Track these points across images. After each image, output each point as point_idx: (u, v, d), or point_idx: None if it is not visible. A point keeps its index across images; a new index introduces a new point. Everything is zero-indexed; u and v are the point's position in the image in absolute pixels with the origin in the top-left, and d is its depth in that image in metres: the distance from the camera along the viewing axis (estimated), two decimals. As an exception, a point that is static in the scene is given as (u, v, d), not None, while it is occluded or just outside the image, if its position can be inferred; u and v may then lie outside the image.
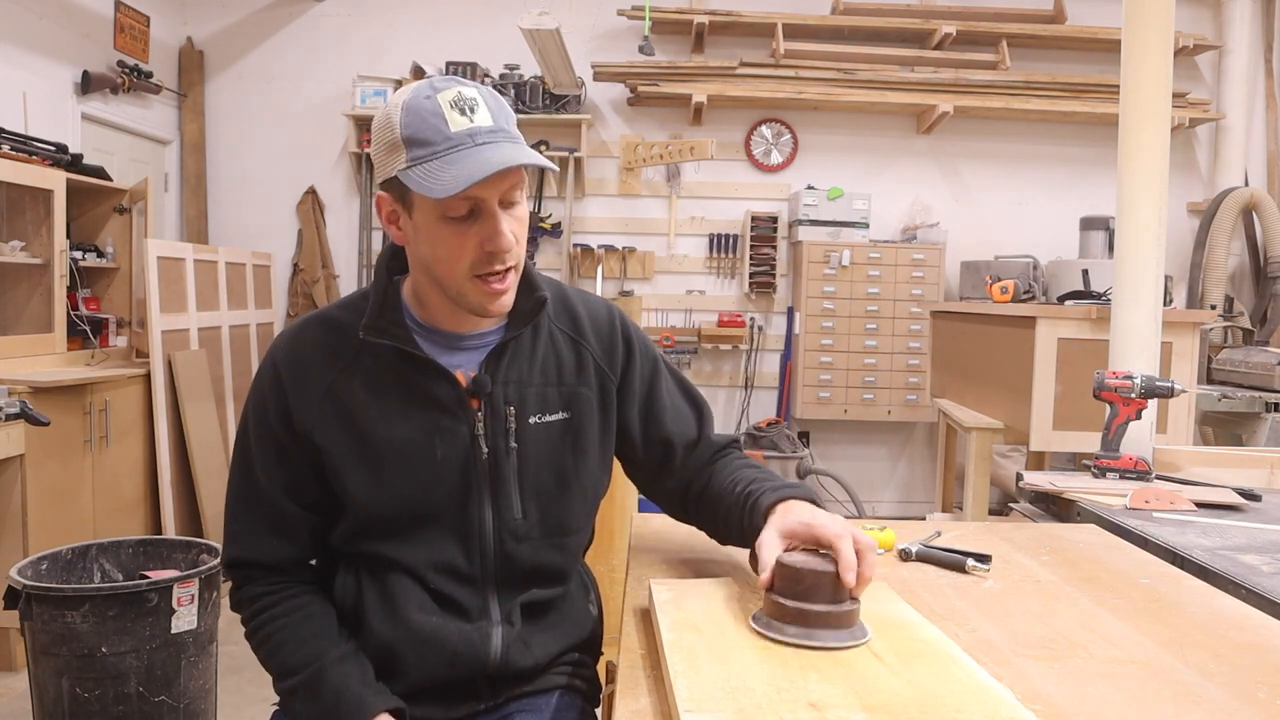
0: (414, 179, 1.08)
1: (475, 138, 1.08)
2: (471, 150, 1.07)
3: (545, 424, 1.24)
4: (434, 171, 1.06)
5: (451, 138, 1.08)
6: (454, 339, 1.23)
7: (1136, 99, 2.26)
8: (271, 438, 1.21)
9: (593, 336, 1.30)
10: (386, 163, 1.12)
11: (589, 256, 5.25)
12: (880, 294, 5.07)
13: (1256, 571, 1.39)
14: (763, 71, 5.08)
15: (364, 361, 1.20)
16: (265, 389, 1.22)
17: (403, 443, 1.18)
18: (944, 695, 0.87)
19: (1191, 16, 5.24)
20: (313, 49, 5.33)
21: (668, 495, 1.37)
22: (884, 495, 5.50)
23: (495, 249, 1.12)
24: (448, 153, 1.07)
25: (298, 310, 5.28)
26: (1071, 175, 5.39)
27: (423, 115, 1.08)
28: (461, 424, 1.20)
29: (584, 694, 1.33)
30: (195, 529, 3.84)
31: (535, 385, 1.24)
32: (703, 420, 1.40)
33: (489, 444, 1.21)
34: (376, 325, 1.19)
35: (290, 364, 1.21)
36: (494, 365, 1.22)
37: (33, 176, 3.38)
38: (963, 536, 1.54)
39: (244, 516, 1.24)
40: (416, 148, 1.08)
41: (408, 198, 1.13)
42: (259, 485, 1.22)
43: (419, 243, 1.15)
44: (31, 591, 2.20)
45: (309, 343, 1.22)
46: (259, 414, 1.22)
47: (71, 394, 3.25)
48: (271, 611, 1.23)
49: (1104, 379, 2.08)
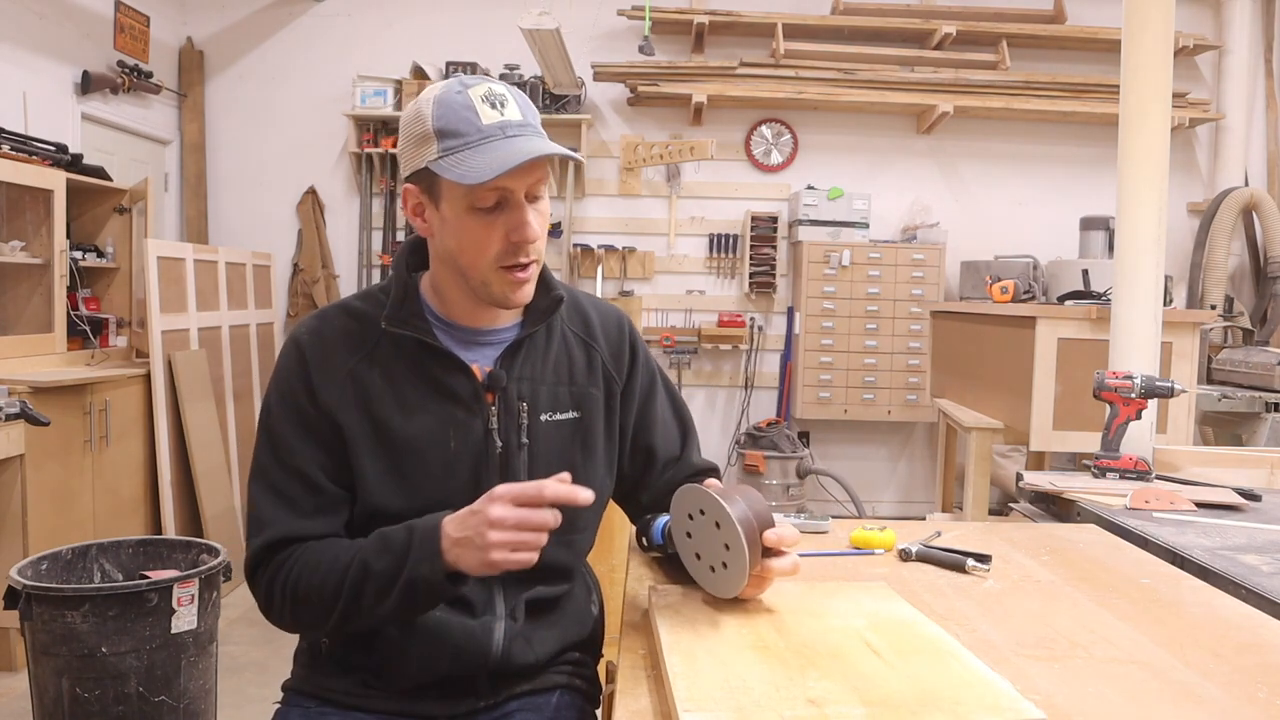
0: (446, 167, 1.11)
1: (505, 130, 1.12)
2: (503, 141, 1.12)
3: (556, 422, 1.26)
4: (466, 160, 1.10)
5: (483, 129, 1.12)
6: (471, 334, 1.25)
7: (1136, 99, 2.26)
8: (299, 415, 1.20)
9: (603, 339, 1.34)
10: (416, 155, 1.15)
11: (589, 256, 5.25)
12: (880, 294, 5.07)
13: (1256, 571, 1.39)
14: (763, 71, 5.08)
15: (384, 351, 1.21)
16: (290, 368, 1.22)
17: (418, 433, 1.20)
18: (943, 689, 0.87)
19: (1191, 16, 5.24)
20: (313, 49, 5.33)
21: (640, 510, 1.40)
22: (884, 495, 5.50)
23: (521, 239, 1.15)
24: (480, 143, 1.11)
25: (298, 310, 5.28)
26: (1071, 175, 5.39)
27: (455, 108, 1.12)
28: (476, 418, 1.22)
29: (584, 694, 1.33)
30: (195, 529, 3.84)
31: (548, 383, 1.27)
32: (687, 440, 1.42)
33: (502, 438, 1.23)
34: (398, 316, 1.21)
35: (315, 345, 1.22)
36: (509, 361, 1.24)
37: (33, 176, 3.38)
38: (963, 536, 1.55)
39: (275, 500, 1.19)
40: (448, 139, 1.12)
41: (436, 189, 1.15)
42: (289, 465, 1.19)
43: (445, 234, 1.17)
44: (31, 591, 2.20)
45: (333, 327, 1.23)
46: (284, 392, 1.21)
47: (71, 394, 3.25)
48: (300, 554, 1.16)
49: (1104, 379, 2.08)
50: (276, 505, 1.19)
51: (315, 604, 1.14)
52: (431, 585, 1.08)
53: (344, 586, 1.11)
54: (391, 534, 1.11)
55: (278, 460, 1.20)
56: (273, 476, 1.20)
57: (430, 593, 1.09)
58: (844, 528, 1.57)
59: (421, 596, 1.10)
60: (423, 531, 1.09)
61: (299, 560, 1.16)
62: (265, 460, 1.21)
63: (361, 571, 1.11)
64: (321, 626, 1.20)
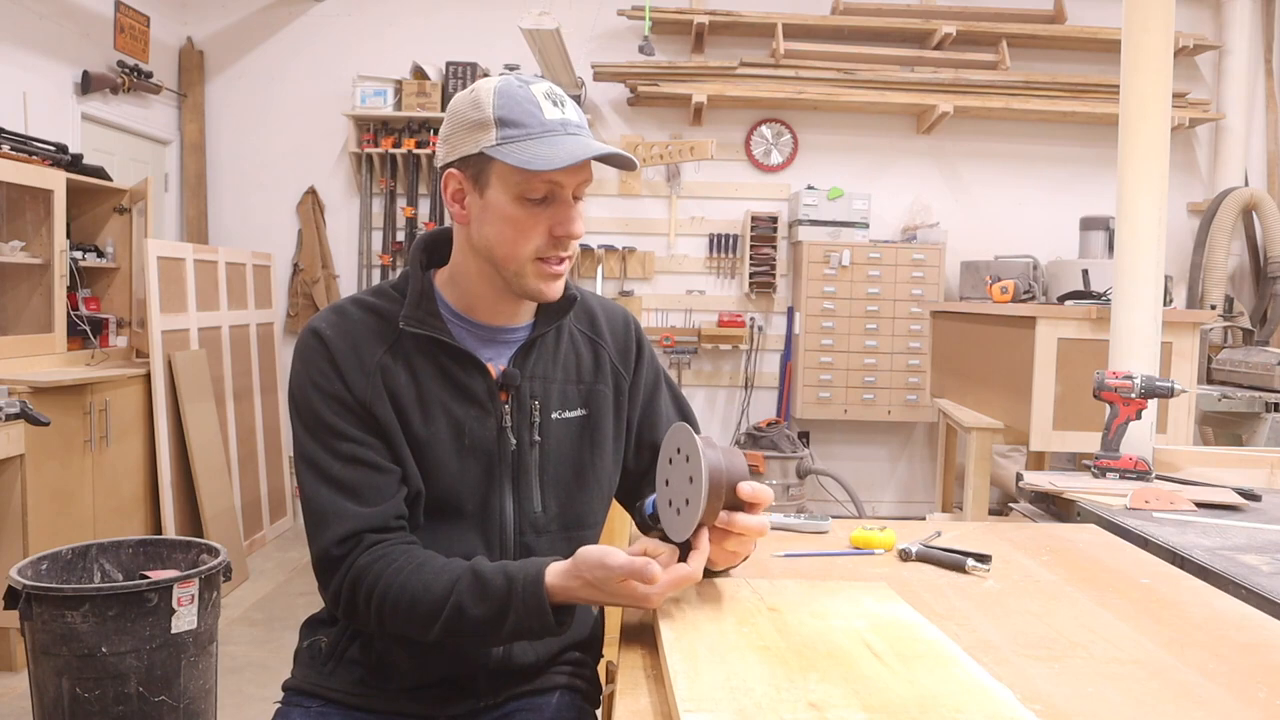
0: (507, 153, 1.12)
1: (566, 127, 1.15)
2: (564, 137, 1.14)
3: (566, 420, 1.28)
4: (529, 148, 1.12)
5: (546, 123, 1.14)
6: (487, 331, 1.26)
7: (1136, 99, 2.26)
8: (340, 401, 1.18)
9: (609, 337, 1.35)
10: (468, 139, 1.16)
11: (589, 256, 5.25)
12: (880, 294, 5.07)
13: (1256, 571, 1.39)
14: (763, 71, 5.08)
15: (404, 347, 1.22)
16: (317, 360, 1.19)
17: (435, 430, 1.20)
18: (944, 695, 0.87)
19: (1191, 16, 5.24)
20: (313, 49, 5.33)
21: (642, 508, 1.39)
22: (884, 495, 5.50)
23: (565, 234, 1.17)
24: (543, 135, 1.13)
25: (298, 310, 5.29)
26: (1071, 175, 5.39)
27: (518, 100, 1.14)
28: (490, 415, 1.23)
29: (584, 694, 1.33)
30: (195, 529, 3.84)
31: (558, 382, 1.28)
32: None
33: (515, 436, 1.24)
34: (415, 316, 1.22)
35: (339, 337, 1.20)
36: (522, 360, 1.25)
37: (33, 176, 3.38)
38: (963, 536, 1.54)
39: (336, 492, 1.15)
40: (509, 127, 1.13)
41: (484, 175, 1.16)
42: (342, 453, 1.16)
43: (485, 221, 1.18)
44: (31, 591, 2.20)
45: (353, 321, 1.22)
46: (318, 383, 1.18)
47: (71, 394, 3.25)
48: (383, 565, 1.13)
49: (1104, 379, 2.08)
50: (337, 497, 1.15)
51: (405, 625, 1.13)
52: (543, 631, 1.09)
53: (438, 620, 1.10)
54: (489, 578, 1.09)
55: (329, 450, 1.17)
56: (327, 468, 1.16)
57: (543, 634, 1.10)
58: (844, 528, 1.57)
59: (533, 635, 1.11)
60: (524, 586, 1.08)
61: (384, 575, 1.12)
62: (313, 453, 1.17)
63: (457, 613, 1.09)
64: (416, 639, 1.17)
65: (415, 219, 5.25)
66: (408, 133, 5.15)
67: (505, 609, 1.08)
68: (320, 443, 1.17)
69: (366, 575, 1.13)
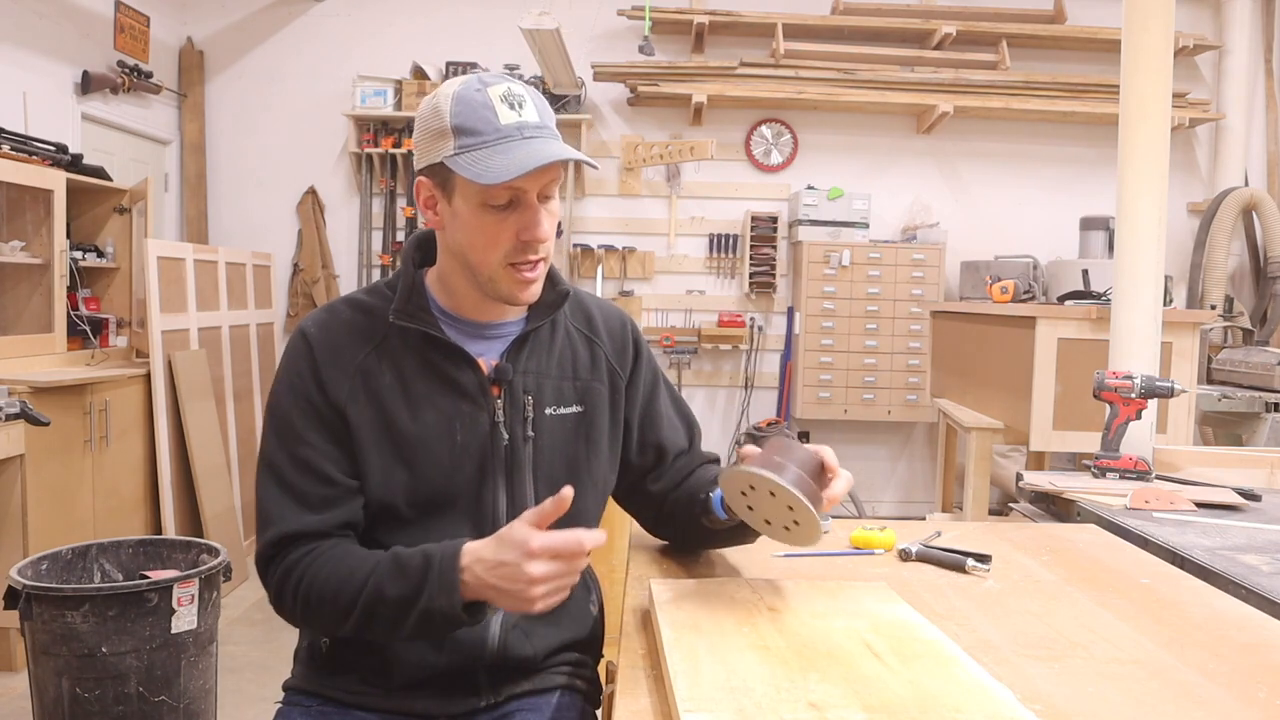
0: (462, 165, 1.12)
1: (523, 131, 1.13)
2: (520, 143, 1.12)
3: (560, 416, 1.27)
4: (483, 159, 1.11)
5: (501, 129, 1.12)
6: (477, 327, 1.26)
7: (1136, 99, 2.26)
8: (308, 406, 1.19)
9: (606, 335, 1.35)
10: (431, 149, 1.15)
11: (589, 256, 5.25)
12: (880, 294, 5.07)
13: (1256, 571, 1.40)
14: (763, 71, 5.08)
15: (392, 344, 1.22)
16: (297, 360, 1.21)
17: (425, 426, 1.20)
18: (943, 695, 0.87)
19: (1191, 16, 5.24)
20: (313, 49, 5.33)
21: (650, 500, 1.40)
22: (884, 495, 5.50)
23: (531, 239, 1.16)
24: (497, 143, 1.12)
25: (298, 310, 5.28)
26: (1071, 175, 5.39)
27: (473, 106, 1.13)
28: (482, 411, 1.23)
29: (584, 694, 1.33)
30: (195, 529, 3.84)
31: (552, 377, 1.28)
32: (693, 435, 1.45)
33: (508, 431, 1.24)
34: (405, 310, 1.22)
35: (322, 338, 1.22)
36: (515, 355, 1.25)
37: (33, 176, 3.38)
38: (963, 536, 1.55)
39: (283, 494, 1.17)
40: (465, 136, 1.12)
41: (449, 184, 1.16)
42: (298, 457, 1.18)
43: (455, 229, 1.18)
44: (31, 591, 2.20)
45: (340, 321, 1.24)
46: (292, 384, 1.20)
47: (71, 394, 3.25)
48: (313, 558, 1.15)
49: (1104, 379, 2.08)
50: (284, 499, 1.18)
51: (328, 614, 1.14)
52: (449, 617, 1.08)
53: (357, 604, 1.11)
54: (407, 559, 1.11)
55: (286, 453, 1.19)
56: (281, 470, 1.19)
57: (447, 623, 1.09)
58: (844, 528, 1.57)
59: (438, 626, 1.10)
60: (440, 561, 1.08)
61: (311, 566, 1.14)
62: (273, 453, 1.20)
63: (376, 594, 1.10)
64: (333, 633, 1.21)
65: (415, 219, 5.25)
66: (408, 133, 5.15)
67: (420, 585, 1.08)
68: (281, 443, 1.20)
69: (295, 568, 1.15)
